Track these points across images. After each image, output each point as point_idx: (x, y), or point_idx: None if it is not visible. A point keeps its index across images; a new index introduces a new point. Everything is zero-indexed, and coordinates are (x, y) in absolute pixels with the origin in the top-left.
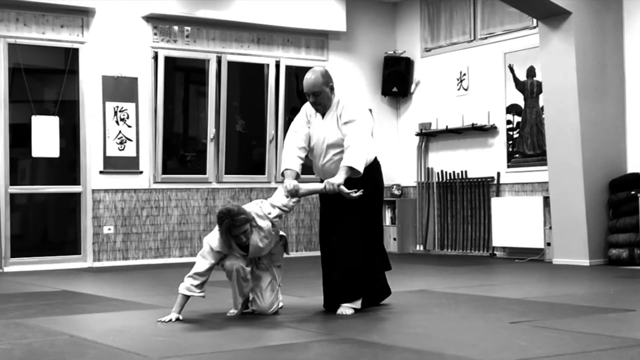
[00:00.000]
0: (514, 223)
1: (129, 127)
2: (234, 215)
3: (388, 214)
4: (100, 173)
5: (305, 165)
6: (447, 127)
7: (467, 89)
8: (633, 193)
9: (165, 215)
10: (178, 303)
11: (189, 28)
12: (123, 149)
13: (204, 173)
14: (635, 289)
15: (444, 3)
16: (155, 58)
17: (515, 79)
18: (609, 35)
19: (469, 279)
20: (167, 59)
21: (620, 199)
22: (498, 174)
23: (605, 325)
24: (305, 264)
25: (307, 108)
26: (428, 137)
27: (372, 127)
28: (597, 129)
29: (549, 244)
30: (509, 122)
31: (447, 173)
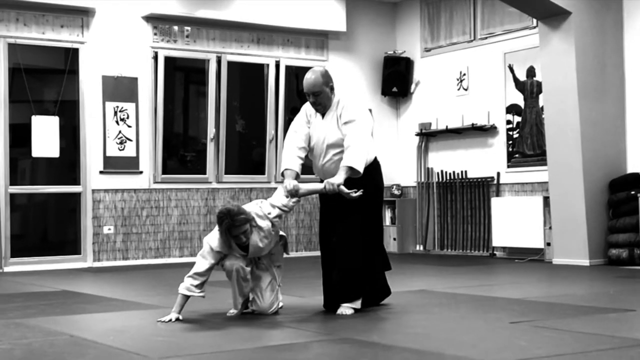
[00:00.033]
0: (514, 223)
1: (129, 127)
2: (234, 215)
3: (388, 214)
4: (100, 173)
5: (305, 165)
6: (447, 127)
7: (467, 89)
8: (633, 193)
9: (165, 215)
10: (178, 303)
11: (189, 28)
12: (123, 149)
13: (204, 173)
14: (635, 289)
15: (444, 3)
16: (155, 58)
17: (515, 79)
18: (609, 35)
19: (469, 279)
20: (167, 59)
21: (620, 199)
22: (498, 174)
23: (605, 325)
24: (305, 264)
25: (307, 108)
26: (428, 137)
27: (372, 127)
28: (597, 129)
29: (549, 244)
30: (509, 122)
31: (447, 173)
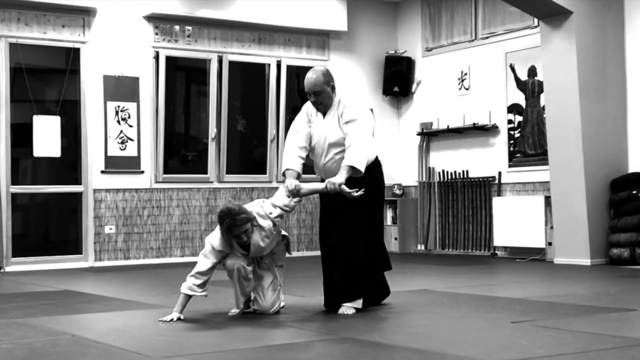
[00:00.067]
0: (515, 223)
1: (130, 126)
2: (235, 215)
3: (389, 214)
4: (102, 173)
5: (306, 165)
6: (448, 126)
7: (468, 89)
8: (634, 192)
9: (167, 215)
10: (180, 303)
11: (190, 28)
12: (124, 149)
13: (205, 173)
14: (637, 289)
15: (445, 3)
16: (157, 58)
17: (517, 79)
18: (610, 35)
19: (470, 279)
20: (168, 59)
21: (622, 199)
22: (499, 174)
23: (607, 325)
24: (307, 264)
25: (307, 107)
26: (429, 136)
27: (373, 126)
28: (598, 129)
29: (550, 244)
30: (510, 121)
31: (448, 173)
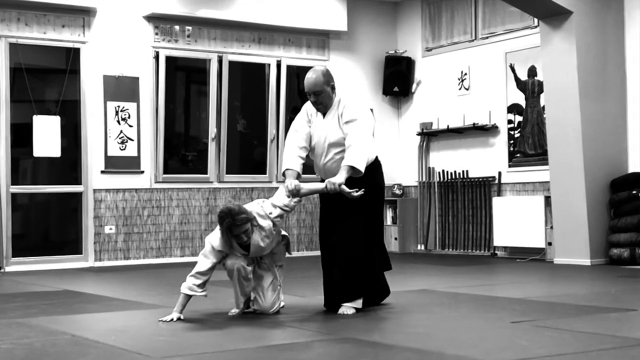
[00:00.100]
0: (515, 223)
1: (130, 126)
2: (235, 215)
3: (389, 214)
4: (102, 173)
5: (306, 165)
6: (448, 126)
7: (468, 89)
8: (634, 192)
9: (167, 215)
10: (180, 303)
11: (190, 28)
12: (124, 149)
13: (205, 173)
14: (637, 289)
15: (445, 3)
16: (157, 58)
17: (517, 79)
18: (610, 35)
19: (470, 279)
20: (168, 59)
21: (622, 199)
22: (499, 174)
23: (607, 325)
24: (307, 264)
25: (307, 107)
26: (429, 136)
27: (373, 126)
28: (598, 129)
29: (550, 244)
30: (510, 121)
31: (448, 173)
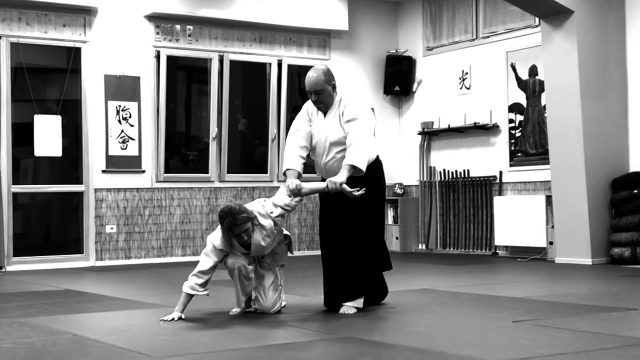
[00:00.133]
0: (517, 222)
1: (132, 126)
2: (236, 214)
3: (390, 213)
4: (103, 172)
5: (307, 165)
6: (449, 126)
7: (469, 88)
8: (636, 192)
9: (168, 215)
10: (181, 302)
11: (192, 27)
12: (125, 149)
13: (207, 172)
14: (638, 288)
15: (447, 2)
16: (158, 57)
17: (518, 78)
18: (612, 34)
19: (472, 278)
20: (169, 58)
21: (623, 198)
22: (500, 173)
23: (608, 325)
24: (308, 263)
25: (308, 106)
26: (430, 136)
27: (374, 125)
28: (599, 128)
29: (552, 243)
30: (512, 121)
31: (449, 172)
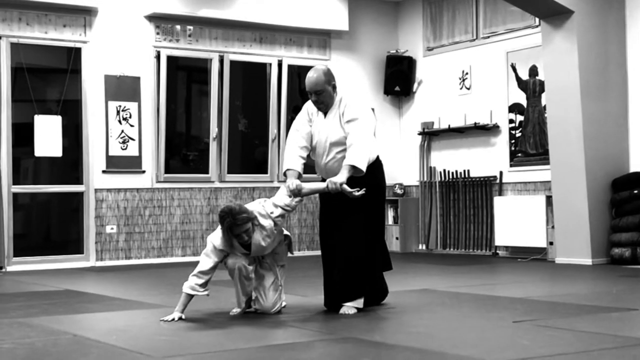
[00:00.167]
0: (517, 222)
1: (132, 126)
2: (236, 214)
3: (390, 213)
4: (103, 172)
5: (307, 164)
6: (449, 126)
7: (469, 88)
8: (636, 192)
9: (168, 215)
10: (181, 302)
11: (192, 27)
12: (125, 149)
13: (207, 172)
14: (638, 288)
15: (447, 2)
16: (158, 57)
17: (518, 78)
18: (612, 34)
19: (472, 278)
20: (169, 58)
21: (623, 198)
22: (500, 173)
23: (608, 325)
24: (308, 263)
25: (308, 106)
26: (430, 136)
27: (374, 125)
28: (599, 128)
29: (552, 243)
30: (512, 121)
31: (449, 172)
